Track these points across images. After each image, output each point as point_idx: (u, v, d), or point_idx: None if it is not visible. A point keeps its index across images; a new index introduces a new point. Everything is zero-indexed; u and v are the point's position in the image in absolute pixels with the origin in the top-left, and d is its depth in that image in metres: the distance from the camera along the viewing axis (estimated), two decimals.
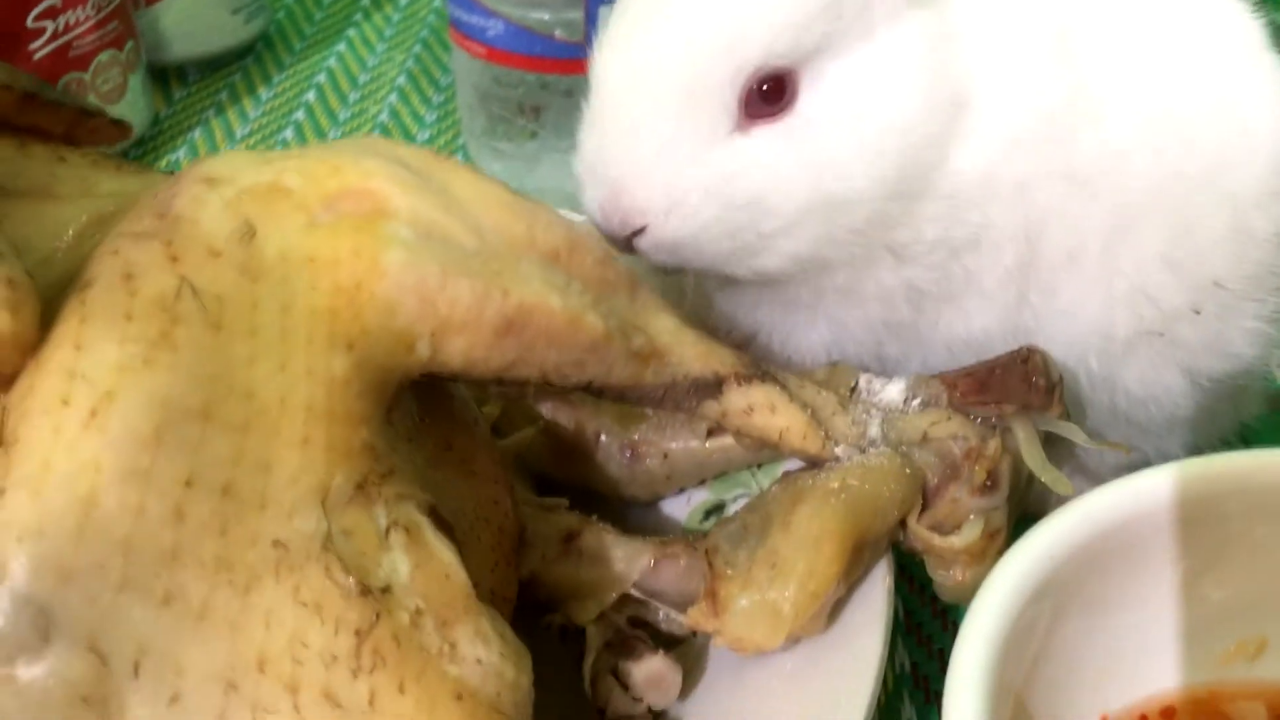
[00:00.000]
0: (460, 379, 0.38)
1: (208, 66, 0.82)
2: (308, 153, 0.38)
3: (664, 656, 0.40)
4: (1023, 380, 0.42)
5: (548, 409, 0.46)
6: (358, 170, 0.37)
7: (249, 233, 0.34)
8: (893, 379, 0.44)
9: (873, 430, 0.42)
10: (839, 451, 0.42)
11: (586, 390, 0.40)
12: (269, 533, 0.31)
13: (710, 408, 0.42)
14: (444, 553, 0.33)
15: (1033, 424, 0.42)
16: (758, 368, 0.42)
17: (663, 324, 0.41)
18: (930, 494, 0.42)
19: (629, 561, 0.41)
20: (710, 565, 0.40)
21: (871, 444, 0.42)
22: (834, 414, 0.42)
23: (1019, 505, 0.43)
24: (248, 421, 0.31)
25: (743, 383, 0.41)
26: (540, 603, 0.42)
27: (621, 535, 0.42)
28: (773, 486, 0.43)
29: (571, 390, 0.40)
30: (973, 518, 0.41)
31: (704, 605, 0.40)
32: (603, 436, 0.46)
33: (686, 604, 0.40)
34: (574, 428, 0.46)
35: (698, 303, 0.48)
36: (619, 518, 0.44)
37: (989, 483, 0.41)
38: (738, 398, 0.41)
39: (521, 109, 0.67)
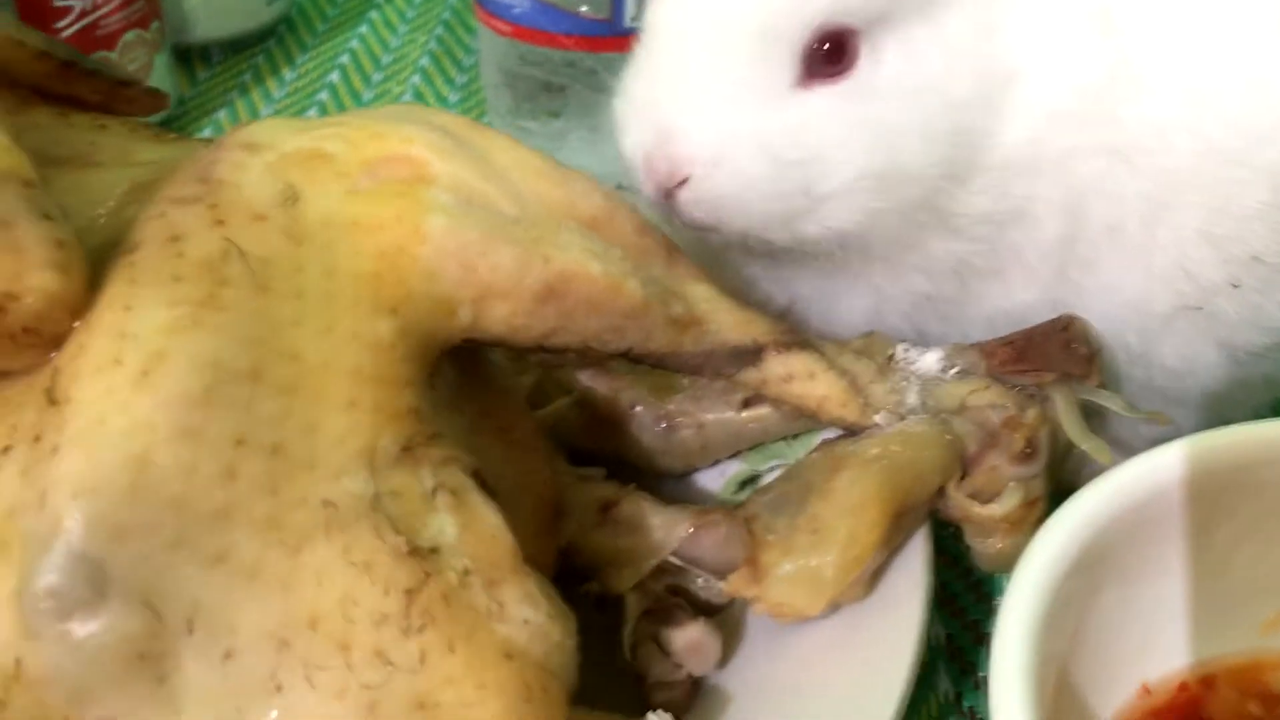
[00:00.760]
0: (501, 345, 0.38)
1: (231, 47, 0.82)
2: (347, 119, 0.38)
3: (704, 623, 0.40)
4: (1062, 348, 0.42)
5: (585, 377, 0.46)
6: (398, 136, 0.37)
7: (293, 197, 0.34)
8: (930, 348, 0.44)
9: (910, 398, 0.42)
10: (878, 419, 0.42)
11: (625, 357, 0.40)
12: (318, 493, 0.31)
13: (749, 375, 0.41)
14: (490, 515, 0.33)
15: (1072, 392, 0.42)
16: (796, 335, 0.42)
17: (700, 292, 0.41)
18: (969, 462, 0.41)
19: (667, 529, 0.41)
20: (750, 532, 0.40)
21: (910, 412, 0.42)
22: (872, 382, 0.42)
23: (1057, 474, 0.43)
24: (295, 383, 0.32)
25: (781, 350, 0.41)
26: (577, 571, 0.42)
27: (659, 503, 0.42)
28: (810, 455, 0.43)
29: (610, 357, 0.40)
30: (1012, 486, 0.41)
31: (744, 572, 0.40)
32: (637, 407, 0.46)
33: (726, 571, 0.40)
34: (609, 398, 0.46)
35: (731, 273, 0.48)
36: (652, 490, 0.44)
37: (1028, 451, 0.41)
38: (777, 365, 0.41)
39: (547, 87, 0.67)
